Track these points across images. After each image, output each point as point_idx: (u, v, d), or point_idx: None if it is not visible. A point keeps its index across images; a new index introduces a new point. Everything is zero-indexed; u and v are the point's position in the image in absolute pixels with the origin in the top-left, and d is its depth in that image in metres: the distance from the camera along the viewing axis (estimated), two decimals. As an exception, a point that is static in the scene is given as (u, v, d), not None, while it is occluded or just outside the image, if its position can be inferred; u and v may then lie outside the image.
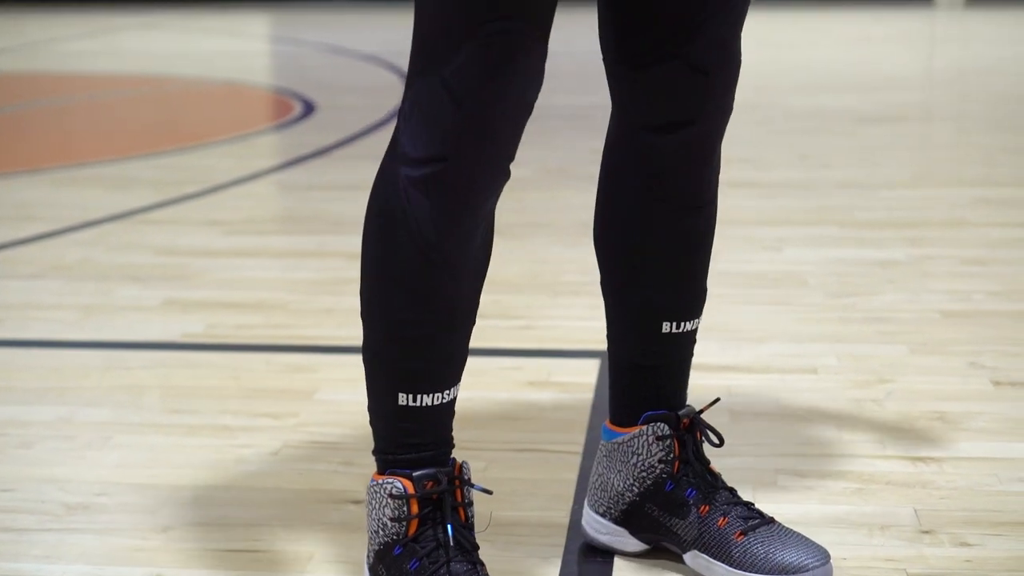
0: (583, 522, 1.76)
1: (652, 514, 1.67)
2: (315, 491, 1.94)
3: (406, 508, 1.51)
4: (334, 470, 2.01)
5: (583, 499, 1.82)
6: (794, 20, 10.44)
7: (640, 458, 1.66)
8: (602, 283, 1.70)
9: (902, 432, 2.12)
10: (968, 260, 3.17)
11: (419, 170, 1.42)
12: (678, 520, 1.65)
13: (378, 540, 1.54)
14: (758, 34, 9.44)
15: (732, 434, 2.09)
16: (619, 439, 1.68)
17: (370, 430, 2.15)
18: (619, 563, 1.71)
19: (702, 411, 1.70)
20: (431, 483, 1.51)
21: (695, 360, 1.73)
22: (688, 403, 1.72)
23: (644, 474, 1.66)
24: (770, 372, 2.42)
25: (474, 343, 1.57)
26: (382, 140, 5.12)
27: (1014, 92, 6.29)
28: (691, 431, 1.67)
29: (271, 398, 2.32)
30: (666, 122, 1.58)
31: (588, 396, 2.30)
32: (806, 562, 1.57)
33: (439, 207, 1.42)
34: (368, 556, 1.57)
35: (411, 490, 1.50)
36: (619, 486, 1.69)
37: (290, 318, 2.81)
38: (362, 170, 4.51)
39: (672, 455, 1.66)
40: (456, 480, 1.52)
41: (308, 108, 6.00)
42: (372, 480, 1.54)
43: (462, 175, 1.41)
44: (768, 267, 3.15)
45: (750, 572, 1.59)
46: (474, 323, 1.54)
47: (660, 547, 1.70)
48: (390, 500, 1.51)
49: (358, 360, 2.48)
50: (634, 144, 1.62)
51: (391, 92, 6.54)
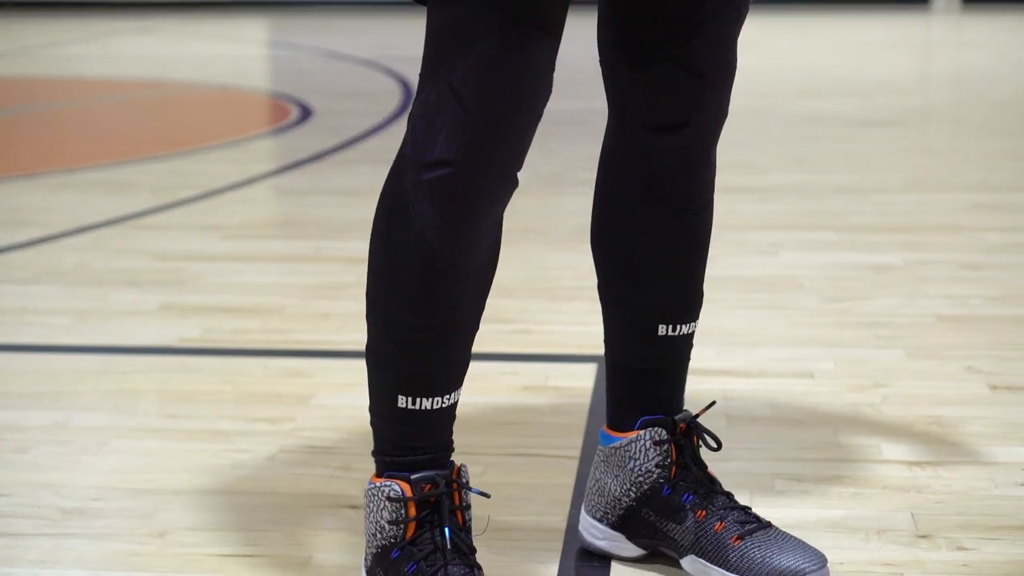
0: (580, 527, 1.76)
1: (649, 519, 1.67)
2: (312, 496, 1.93)
3: (403, 511, 1.51)
4: (331, 475, 2.00)
5: (580, 504, 1.82)
6: (790, 25, 10.45)
7: (637, 463, 1.66)
8: (598, 285, 1.70)
9: (899, 436, 2.12)
10: (964, 265, 3.17)
11: (425, 175, 1.41)
12: (675, 525, 1.65)
13: (376, 543, 1.54)
14: (755, 39, 9.46)
15: (729, 439, 2.09)
16: (616, 444, 1.68)
17: (367, 435, 2.15)
18: (616, 568, 1.71)
19: (698, 415, 1.70)
20: (429, 486, 1.50)
21: (691, 364, 1.73)
22: (685, 408, 1.72)
23: (641, 479, 1.66)
24: (766, 376, 2.42)
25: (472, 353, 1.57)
26: (379, 145, 5.11)
27: (1010, 97, 6.29)
28: (688, 436, 1.67)
29: (268, 403, 2.32)
30: (660, 124, 1.58)
31: (585, 401, 2.30)
32: (803, 566, 1.57)
33: (443, 213, 1.42)
34: (366, 559, 1.57)
35: (409, 493, 1.50)
36: (616, 491, 1.69)
37: (287, 323, 2.81)
38: (359, 175, 4.50)
39: (669, 460, 1.66)
40: (454, 483, 1.52)
41: (305, 113, 6.00)
42: (370, 483, 1.54)
43: (468, 181, 1.41)
44: (764, 271, 3.16)
45: (747, 577, 1.59)
46: (477, 329, 1.53)
47: (657, 552, 1.70)
48: (388, 503, 1.51)
49: (355, 365, 2.47)
50: (629, 145, 1.62)
51: (388, 97, 6.54)
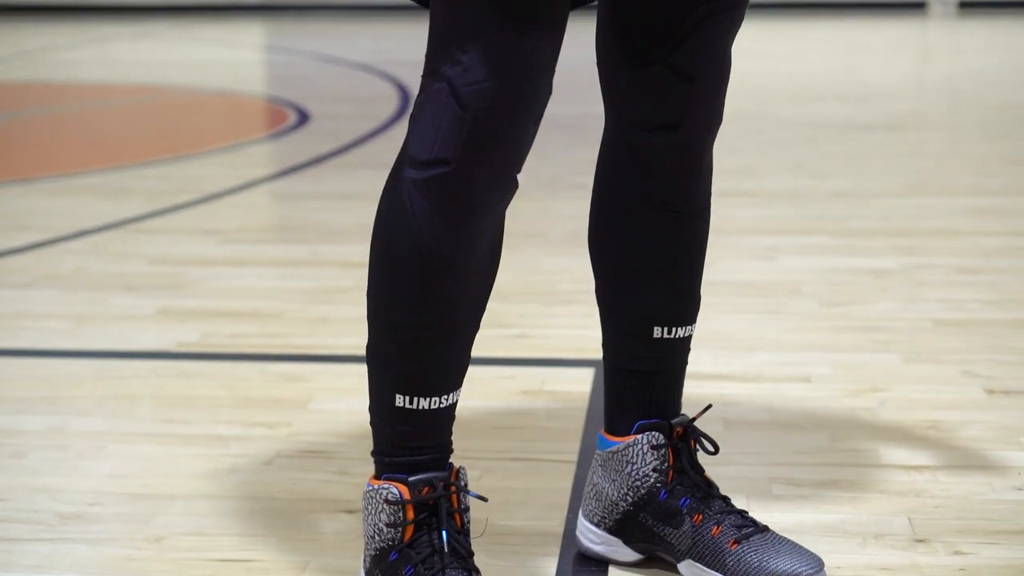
0: (577, 532, 1.76)
1: (646, 524, 1.67)
2: (309, 500, 1.93)
3: (402, 514, 1.50)
4: (328, 479, 2.00)
5: (577, 508, 1.82)
6: (787, 30, 10.46)
7: (634, 467, 1.66)
8: (595, 287, 1.70)
9: (896, 441, 2.12)
10: (961, 269, 3.17)
11: (423, 173, 1.42)
12: (672, 529, 1.65)
13: (374, 545, 1.53)
14: (752, 44, 9.46)
15: (726, 443, 2.09)
16: (613, 448, 1.68)
17: (365, 439, 2.15)
18: (613, 573, 1.71)
19: (695, 419, 1.70)
20: (427, 489, 1.50)
21: (688, 368, 1.73)
22: (682, 412, 1.72)
23: (638, 483, 1.66)
24: (763, 381, 2.42)
25: (471, 355, 1.57)
26: (377, 149, 5.11)
27: (1007, 101, 6.30)
28: (685, 440, 1.67)
29: (265, 407, 2.32)
30: (652, 126, 1.59)
31: (582, 405, 2.30)
32: (800, 570, 1.57)
33: (441, 211, 1.43)
34: (364, 561, 1.56)
35: (407, 495, 1.50)
36: (613, 495, 1.69)
37: (284, 327, 2.80)
38: (356, 179, 4.50)
39: (666, 464, 1.66)
40: (452, 486, 1.52)
41: (302, 117, 6.00)
42: (368, 485, 1.54)
43: (465, 180, 1.41)
44: (761, 276, 3.16)
45: (744, 581, 1.58)
46: (477, 330, 1.54)
47: (655, 557, 1.70)
48: (386, 505, 1.51)
49: (353, 369, 2.48)
50: (624, 148, 1.62)
51: (385, 101, 6.54)
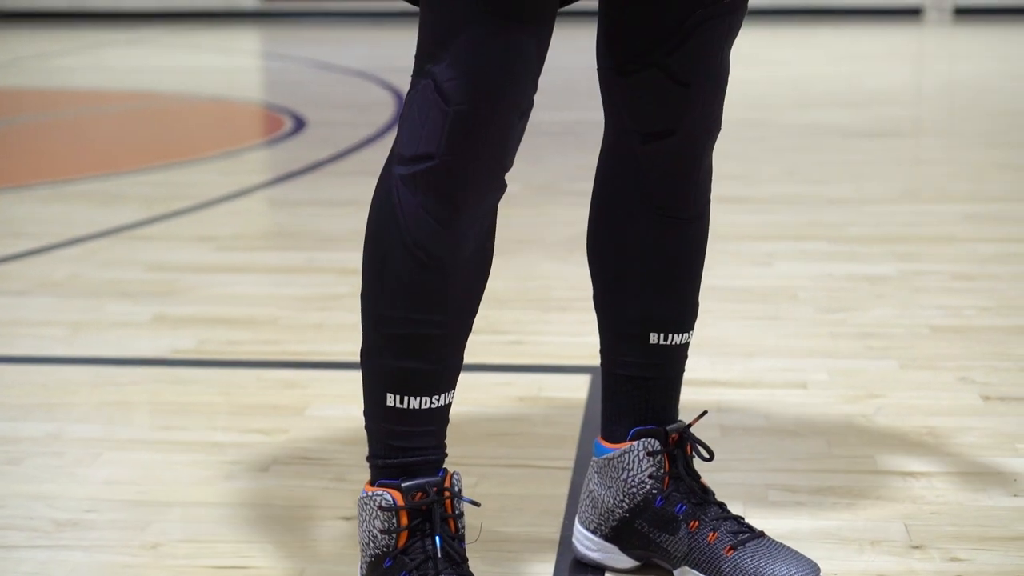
0: (573, 538, 1.75)
1: (642, 530, 1.67)
2: (305, 507, 1.93)
3: (395, 520, 1.50)
4: (324, 486, 2.00)
5: (574, 515, 1.82)
6: (784, 37, 10.47)
7: (630, 474, 1.66)
8: (593, 293, 1.70)
9: (892, 447, 2.12)
10: (958, 275, 3.17)
11: (409, 168, 1.44)
12: (668, 536, 1.65)
13: (369, 552, 1.53)
14: (748, 51, 9.48)
15: (722, 449, 2.09)
16: (609, 455, 1.68)
17: (360, 446, 2.14)
18: (610, 579, 1.71)
19: (690, 425, 1.70)
20: (420, 494, 1.50)
21: (685, 374, 1.73)
22: (679, 418, 1.72)
23: (634, 490, 1.66)
24: (760, 387, 2.42)
25: (464, 358, 1.57)
26: (373, 155, 5.11)
27: (1003, 107, 6.31)
28: (681, 446, 1.67)
29: (261, 414, 2.32)
30: (648, 131, 1.59)
31: (578, 411, 2.30)
32: (797, 577, 1.57)
33: (426, 205, 1.44)
34: (361, 569, 1.56)
35: (400, 502, 1.50)
36: (609, 502, 1.69)
37: (280, 334, 2.80)
38: (353, 186, 4.50)
39: (662, 471, 1.66)
40: (446, 491, 1.52)
41: (298, 124, 6.00)
42: (363, 492, 1.54)
43: (449, 173, 1.43)
44: (758, 282, 3.16)
45: (741, 587, 1.58)
46: (468, 332, 1.53)
47: (651, 563, 1.70)
48: (380, 512, 1.51)
49: (349, 376, 2.47)
50: (622, 152, 1.63)
51: (382, 108, 6.54)
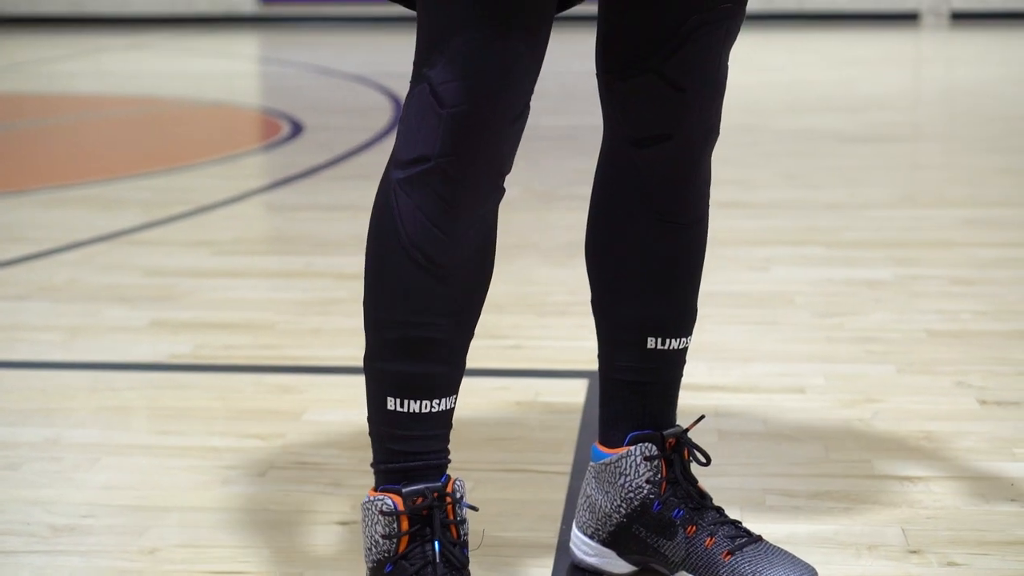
0: (571, 543, 1.75)
1: (640, 535, 1.67)
2: (303, 512, 1.93)
3: (396, 525, 1.51)
4: (322, 491, 2.00)
5: (571, 520, 1.82)
6: (781, 42, 10.48)
7: (628, 479, 1.66)
8: (591, 297, 1.71)
9: (890, 451, 2.12)
10: (955, 280, 3.17)
11: (406, 171, 1.45)
12: (665, 541, 1.65)
13: (371, 557, 1.54)
14: (745, 56, 9.49)
15: (720, 454, 2.09)
16: (607, 460, 1.68)
17: (358, 451, 2.15)
18: (607, 584, 1.71)
19: (687, 429, 1.70)
20: (420, 499, 1.50)
21: (683, 379, 1.73)
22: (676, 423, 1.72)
23: (631, 495, 1.66)
24: (758, 392, 2.42)
25: (466, 363, 1.56)
26: (371, 160, 5.12)
27: (1000, 112, 6.31)
28: (678, 451, 1.67)
29: (259, 419, 2.32)
30: (645, 136, 1.60)
31: (576, 416, 2.30)
32: (794, 582, 1.57)
33: (423, 208, 1.45)
34: (366, 574, 1.56)
35: (400, 506, 1.50)
36: (607, 507, 1.69)
37: (278, 339, 2.80)
38: (350, 190, 4.51)
39: (659, 475, 1.66)
40: (447, 497, 1.52)
41: (296, 129, 6.00)
42: (366, 497, 1.54)
43: (444, 177, 1.44)
44: (755, 287, 3.16)
45: (738, 592, 1.58)
46: (471, 335, 1.53)
47: (648, 568, 1.70)
48: (381, 517, 1.51)
49: (346, 381, 2.48)
50: (620, 157, 1.63)
51: (379, 113, 6.54)
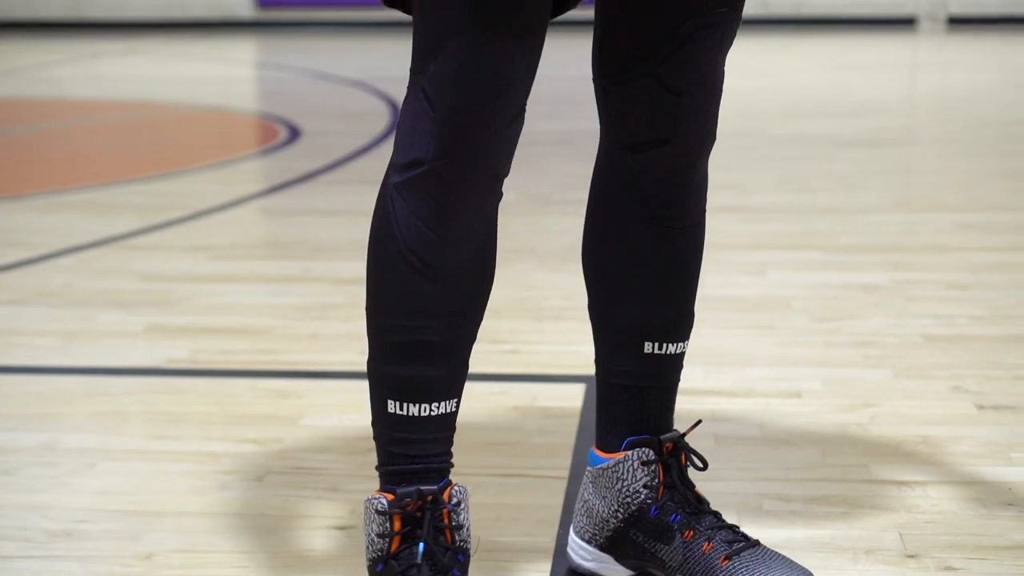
0: (568, 548, 1.75)
1: (637, 540, 1.67)
2: (300, 517, 1.93)
3: (388, 524, 1.51)
4: (319, 496, 2.00)
5: (568, 525, 1.82)
6: (777, 46, 10.49)
7: (625, 484, 1.66)
8: (588, 302, 1.71)
9: (886, 456, 2.12)
10: (951, 284, 3.18)
11: (402, 175, 1.47)
12: (663, 546, 1.65)
13: (368, 555, 1.55)
14: (741, 60, 9.49)
15: (717, 458, 2.09)
16: (604, 465, 1.68)
17: (355, 455, 2.15)
18: (604, 588, 1.70)
19: (684, 434, 1.70)
20: (410, 500, 1.51)
21: (679, 384, 1.73)
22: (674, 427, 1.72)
23: (629, 500, 1.66)
24: (754, 396, 2.42)
25: (468, 366, 1.56)
26: (368, 165, 5.12)
27: (995, 117, 6.32)
28: (675, 455, 1.67)
29: (256, 424, 2.32)
30: (642, 140, 1.60)
31: (573, 421, 2.30)
32: (791, 586, 1.57)
33: (418, 212, 1.46)
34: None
35: (393, 506, 1.51)
36: (604, 512, 1.69)
37: (275, 343, 2.80)
38: (347, 195, 4.51)
39: (657, 480, 1.66)
40: (442, 501, 1.52)
41: (293, 133, 6.00)
42: (367, 496, 1.54)
43: (439, 181, 1.45)
44: (752, 291, 3.16)
45: (735, 597, 1.58)
46: (472, 339, 1.53)
47: (646, 573, 1.70)
48: (376, 515, 1.52)
49: (344, 385, 2.48)
50: (616, 162, 1.63)
51: (377, 118, 6.54)
